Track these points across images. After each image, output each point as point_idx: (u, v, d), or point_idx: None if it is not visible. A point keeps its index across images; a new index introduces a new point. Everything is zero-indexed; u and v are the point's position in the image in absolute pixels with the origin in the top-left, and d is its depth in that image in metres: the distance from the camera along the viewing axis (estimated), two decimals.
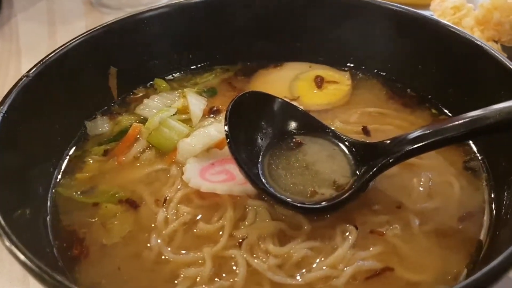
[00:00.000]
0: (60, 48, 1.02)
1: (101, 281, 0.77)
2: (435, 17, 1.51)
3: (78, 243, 0.84)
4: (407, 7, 1.10)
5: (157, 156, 0.99)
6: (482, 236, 0.82)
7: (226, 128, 0.84)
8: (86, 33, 1.07)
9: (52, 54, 1.00)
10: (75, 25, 2.03)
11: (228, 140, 0.84)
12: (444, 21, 1.10)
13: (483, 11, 1.42)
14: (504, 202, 0.84)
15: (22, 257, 0.63)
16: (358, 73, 1.20)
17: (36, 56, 1.76)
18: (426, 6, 1.62)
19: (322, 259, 0.78)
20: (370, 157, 0.88)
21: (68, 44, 1.04)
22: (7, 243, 0.65)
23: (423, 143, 0.82)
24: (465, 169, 0.95)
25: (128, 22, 1.13)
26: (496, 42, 1.44)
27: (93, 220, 0.88)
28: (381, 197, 0.88)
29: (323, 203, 0.83)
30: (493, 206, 0.87)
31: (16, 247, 0.64)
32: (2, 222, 0.68)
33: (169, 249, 0.81)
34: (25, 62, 1.73)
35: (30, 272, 0.63)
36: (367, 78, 1.19)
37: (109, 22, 1.11)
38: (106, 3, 2.11)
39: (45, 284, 0.61)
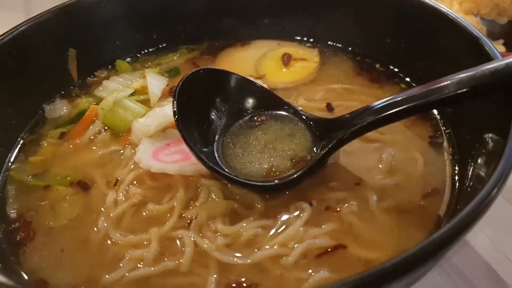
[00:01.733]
0: (14, 29, 0.99)
1: (42, 265, 0.75)
2: None
3: (25, 226, 0.81)
4: None
5: (112, 138, 0.96)
6: (441, 212, 0.78)
7: (174, 105, 0.81)
8: (42, 14, 1.05)
9: (5, 35, 0.97)
10: None
11: (176, 117, 0.80)
12: None
13: None
14: (468, 176, 0.80)
15: None
16: (326, 49, 1.16)
17: None
18: None
19: (273, 237, 0.75)
20: (329, 132, 0.84)
21: (22, 24, 1.00)
22: None
23: (384, 114, 0.78)
24: (431, 144, 0.91)
25: (86, 1, 1.09)
26: (475, 15, 1.40)
27: (43, 203, 0.85)
28: (339, 174, 0.85)
29: (276, 180, 0.80)
30: (457, 180, 0.83)
31: None
32: None
33: (116, 231, 0.78)
34: None
35: None
36: (336, 55, 1.15)
37: (67, 2, 1.08)
38: None
39: None
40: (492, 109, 0.76)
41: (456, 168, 0.85)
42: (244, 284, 0.70)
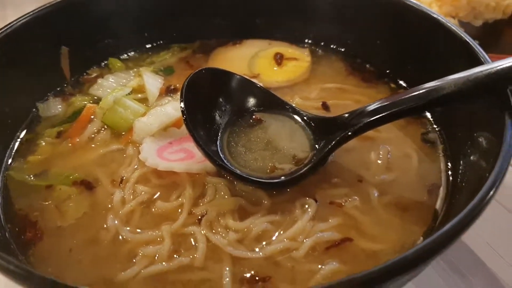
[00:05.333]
0: (6, 27, 0.98)
1: (53, 265, 0.75)
2: None
3: (31, 227, 0.81)
4: None
5: (113, 137, 0.96)
6: (438, 205, 0.83)
7: (182, 104, 0.82)
8: (34, 11, 1.04)
9: None
10: (27, 8, 1.96)
11: (184, 116, 0.81)
12: None
13: None
14: (460, 171, 0.86)
15: None
16: (317, 49, 1.20)
17: None
18: None
19: (282, 232, 0.78)
20: (329, 131, 0.88)
21: (15, 22, 0.99)
22: None
23: (381, 115, 0.83)
24: (423, 141, 0.96)
25: None
26: (453, 17, 1.47)
27: (47, 203, 0.85)
28: (340, 171, 0.88)
29: (282, 177, 0.83)
30: (450, 175, 0.88)
31: None
32: None
33: (126, 228, 0.79)
34: None
35: None
36: (327, 55, 1.19)
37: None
38: None
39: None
40: (483, 109, 0.81)
41: (449, 164, 0.90)
42: (257, 277, 0.72)
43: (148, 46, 1.21)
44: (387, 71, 1.11)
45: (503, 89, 0.77)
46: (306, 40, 1.21)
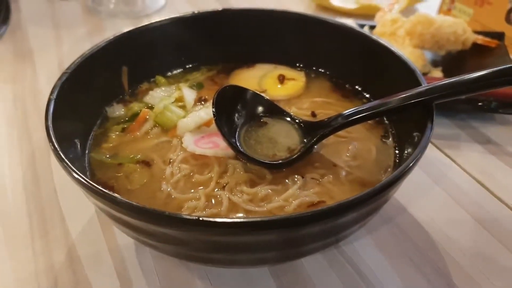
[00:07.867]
0: (87, 52, 1.35)
1: None
2: (379, 27, 1.92)
3: (110, 189, 1.18)
4: (345, 23, 1.49)
5: (162, 132, 1.34)
6: None
7: (213, 109, 1.20)
8: (105, 41, 1.41)
9: (81, 57, 1.33)
10: (78, 30, 2.33)
11: (215, 118, 1.20)
12: (371, 33, 1.48)
13: (410, 25, 1.83)
14: (403, 160, 1.24)
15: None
16: (310, 72, 1.59)
17: (46, 56, 2.13)
18: (373, 17, 2.05)
19: (278, 196, 1.15)
20: (314, 130, 1.25)
21: (91, 49, 1.36)
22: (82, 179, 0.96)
23: (349, 119, 1.20)
24: (382, 140, 1.34)
25: (136, 31, 1.46)
26: (420, 48, 1.86)
27: (119, 174, 1.23)
28: (321, 158, 1.26)
29: (280, 161, 1.21)
30: (396, 162, 1.26)
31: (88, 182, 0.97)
32: (74, 168, 1.00)
33: (175, 191, 1.17)
34: (38, 61, 2.04)
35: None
36: (317, 77, 1.57)
37: (122, 32, 1.46)
38: (101, 10, 2.46)
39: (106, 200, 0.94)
40: (418, 117, 1.18)
41: (397, 155, 1.28)
42: None
43: (184, 67, 1.60)
44: (360, 89, 1.50)
45: (429, 103, 1.15)
46: (301, 65, 1.60)
